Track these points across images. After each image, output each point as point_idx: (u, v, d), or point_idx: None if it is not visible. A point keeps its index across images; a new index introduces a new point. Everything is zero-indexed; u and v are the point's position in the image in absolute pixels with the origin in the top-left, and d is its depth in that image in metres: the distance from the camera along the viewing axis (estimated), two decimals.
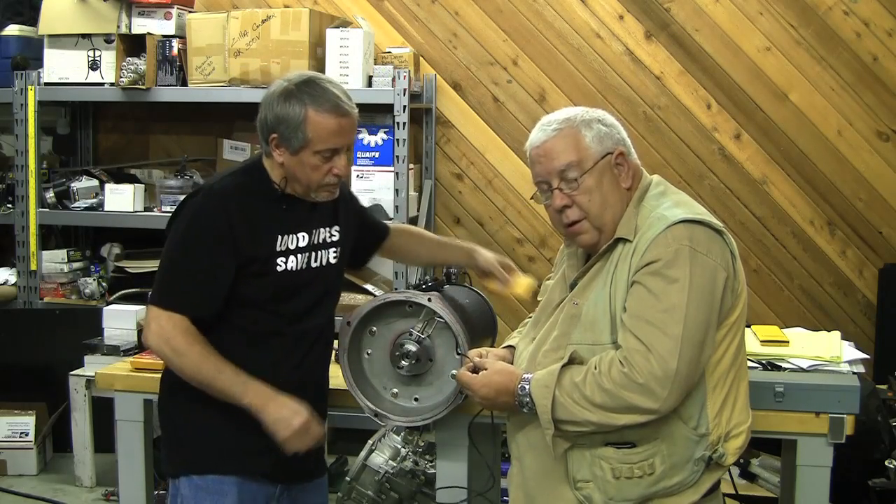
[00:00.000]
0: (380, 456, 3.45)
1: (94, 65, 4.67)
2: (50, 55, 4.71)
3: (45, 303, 4.79)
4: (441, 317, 2.51)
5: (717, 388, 2.15)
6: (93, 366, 4.02)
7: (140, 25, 4.62)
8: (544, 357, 2.22)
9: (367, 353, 2.61)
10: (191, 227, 2.40)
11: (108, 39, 4.65)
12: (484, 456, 2.68)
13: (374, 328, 2.59)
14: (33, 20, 4.81)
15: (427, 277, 2.92)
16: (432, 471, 3.34)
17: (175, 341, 2.35)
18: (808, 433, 2.51)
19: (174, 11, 4.62)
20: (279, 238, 2.44)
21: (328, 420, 4.28)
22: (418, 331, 2.54)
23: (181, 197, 2.83)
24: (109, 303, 4.58)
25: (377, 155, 4.54)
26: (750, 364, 2.60)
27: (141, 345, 3.61)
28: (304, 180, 2.42)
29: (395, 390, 2.61)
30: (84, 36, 4.65)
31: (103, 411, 3.88)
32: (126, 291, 4.72)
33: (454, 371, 2.45)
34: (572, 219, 2.22)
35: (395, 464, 3.44)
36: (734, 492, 2.95)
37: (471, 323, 2.59)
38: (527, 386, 2.17)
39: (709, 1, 4.63)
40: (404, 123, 4.43)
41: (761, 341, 2.74)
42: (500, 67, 4.84)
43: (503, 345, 2.50)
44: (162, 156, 5.23)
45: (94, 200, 4.79)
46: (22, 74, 4.73)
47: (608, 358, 2.10)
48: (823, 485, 2.53)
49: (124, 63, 4.62)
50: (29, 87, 4.72)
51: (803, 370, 2.60)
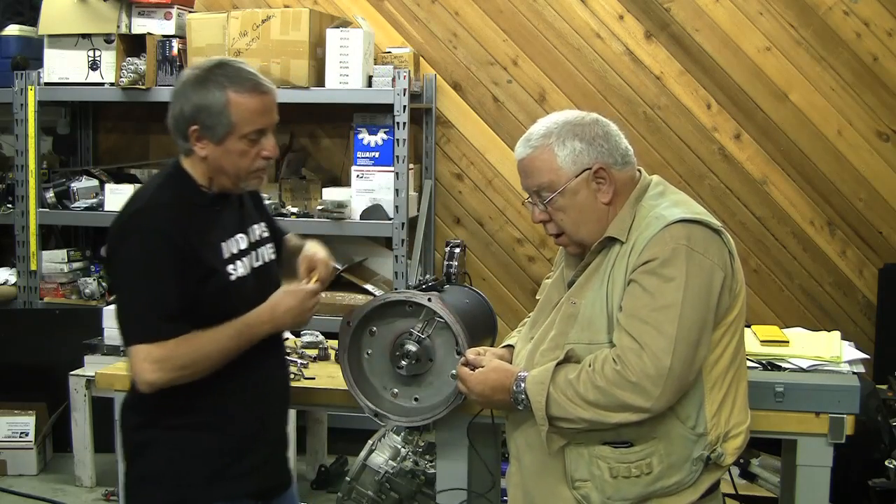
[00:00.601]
0: (380, 456, 3.46)
1: (94, 65, 4.68)
2: (50, 55, 4.71)
3: (45, 303, 4.79)
4: (441, 317, 2.51)
5: (716, 388, 2.15)
6: (93, 366, 4.03)
7: (140, 25, 4.62)
8: (542, 356, 2.22)
9: (367, 353, 2.61)
10: (145, 253, 2.21)
11: (108, 39, 4.65)
12: (483, 456, 2.68)
13: (374, 328, 2.59)
14: (33, 20, 4.81)
15: (427, 277, 2.92)
16: (432, 471, 3.35)
17: (172, 361, 2.20)
18: (808, 433, 2.51)
19: (174, 11, 4.62)
20: (223, 246, 2.31)
21: (328, 420, 4.28)
22: (418, 331, 2.54)
23: None
24: (109, 303, 4.57)
25: (377, 155, 4.54)
26: (750, 364, 2.60)
27: None
28: (233, 170, 2.29)
29: (395, 390, 2.61)
30: (84, 36, 4.66)
31: (103, 411, 3.88)
32: None
33: (454, 371, 2.45)
34: (551, 232, 2.28)
35: (395, 464, 3.44)
36: (734, 492, 2.95)
37: (471, 323, 2.59)
38: (522, 383, 2.18)
39: (709, 1, 4.63)
40: (404, 123, 4.43)
41: (761, 341, 2.74)
42: (500, 67, 4.84)
43: (502, 344, 2.50)
44: (162, 156, 5.23)
45: (94, 200, 4.79)
46: (22, 74, 4.73)
47: (602, 356, 2.11)
48: (823, 485, 2.53)
49: (124, 63, 4.63)
50: (29, 87, 4.73)
51: (803, 370, 2.60)
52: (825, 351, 2.69)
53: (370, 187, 4.52)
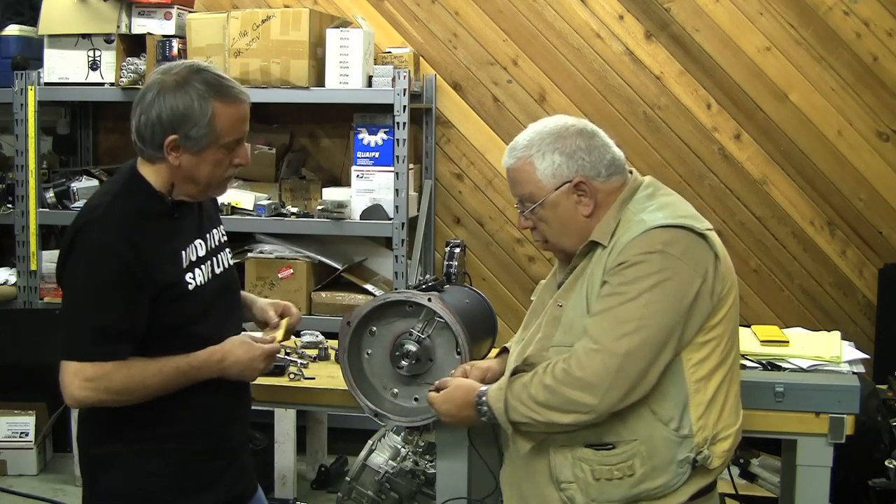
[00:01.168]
0: (380, 456, 3.46)
1: (94, 65, 4.67)
2: (50, 55, 4.71)
3: (45, 303, 4.78)
4: (441, 317, 2.51)
5: (701, 390, 2.13)
6: None
7: (140, 25, 4.61)
8: (530, 359, 2.23)
9: (367, 353, 2.62)
10: (92, 269, 2.12)
11: (108, 39, 4.65)
12: (484, 456, 2.68)
13: (374, 328, 2.60)
14: (33, 20, 4.81)
15: (427, 277, 2.92)
16: (432, 471, 3.35)
17: (105, 383, 2.12)
18: (808, 433, 2.52)
19: (174, 11, 4.62)
20: (182, 254, 2.23)
21: (328, 420, 4.26)
22: (418, 331, 2.54)
23: None
24: None
25: (377, 155, 4.54)
26: (750, 364, 2.61)
27: None
28: (205, 179, 2.20)
29: (395, 390, 2.61)
30: (84, 36, 4.65)
31: None
32: None
33: (454, 371, 2.46)
34: (537, 239, 2.32)
35: (395, 464, 3.44)
36: (734, 492, 2.95)
37: (471, 323, 2.59)
38: (484, 396, 2.22)
39: (709, 1, 4.63)
40: (404, 123, 4.43)
41: (761, 341, 2.74)
42: (500, 67, 4.84)
43: (504, 346, 2.51)
44: None
45: None
46: (22, 74, 4.73)
47: (558, 358, 2.12)
48: (823, 485, 2.53)
49: (124, 63, 4.62)
50: (29, 87, 4.72)
51: (803, 370, 2.60)
52: (825, 351, 2.69)
53: (370, 187, 4.52)
